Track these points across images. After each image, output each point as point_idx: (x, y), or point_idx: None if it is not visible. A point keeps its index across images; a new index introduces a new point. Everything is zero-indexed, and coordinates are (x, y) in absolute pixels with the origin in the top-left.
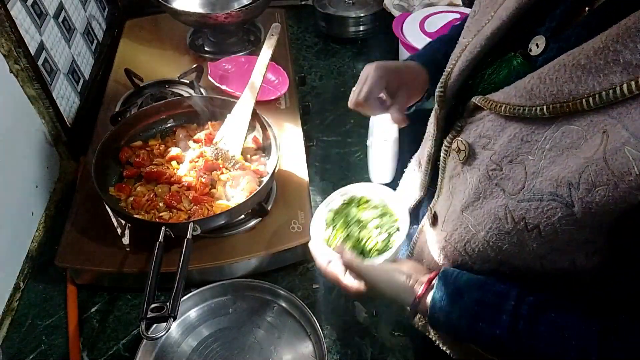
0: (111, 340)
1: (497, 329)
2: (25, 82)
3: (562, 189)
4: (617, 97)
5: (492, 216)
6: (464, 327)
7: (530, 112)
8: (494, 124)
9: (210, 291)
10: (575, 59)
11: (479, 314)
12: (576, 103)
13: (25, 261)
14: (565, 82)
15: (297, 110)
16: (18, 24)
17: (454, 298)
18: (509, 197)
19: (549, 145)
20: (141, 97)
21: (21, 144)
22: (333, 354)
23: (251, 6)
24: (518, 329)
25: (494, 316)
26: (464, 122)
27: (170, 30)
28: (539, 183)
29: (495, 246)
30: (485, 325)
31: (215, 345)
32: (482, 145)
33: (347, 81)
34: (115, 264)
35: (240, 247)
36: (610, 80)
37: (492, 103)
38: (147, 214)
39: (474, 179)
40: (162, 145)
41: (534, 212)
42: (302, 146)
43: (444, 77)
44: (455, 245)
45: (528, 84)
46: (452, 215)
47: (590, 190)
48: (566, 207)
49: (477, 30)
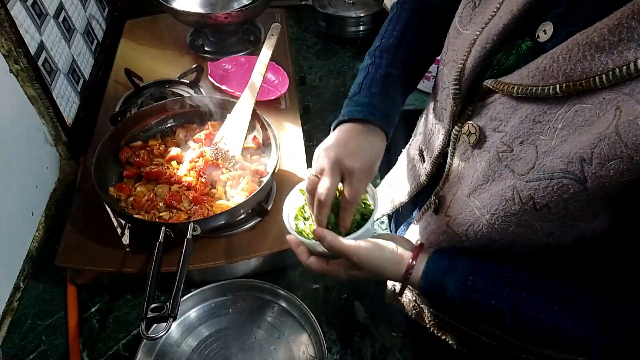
0: (111, 340)
1: (493, 299)
2: (25, 82)
3: (573, 165)
4: (631, 73)
5: (498, 198)
6: (457, 298)
7: (543, 91)
8: (506, 106)
9: (210, 291)
10: (589, 37)
11: (474, 285)
12: (589, 81)
13: (25, 261)
14: (579, 61)
15: (297, 110)
16: (18, 24)
17: (448, 269)
18: (517, 177)
19: (561, 124)
20: (141, 97)
21: (21, 144)
22: (333, 354)
23: (251, 6)
24: (516, 299)
25: (490, 286)
26: (474, 106)
27: (170, 30)
28: (549, 162)
29: (500, 229)
30: (480, 295)
31: (215, 345)
32: (493, 128)
33: (347, 81)
34: (115, 264)
35: (240, 247)
36: (624, 57)
37: (504, 85)
38: (147, 214)
39: (483, 162)
40: (162, 145)
41: (543, 191)
42: (302, 146)
43: (457, 74)
44: (457, 229)
45: (541, 64)
46: (458, 200)
47: (604, 164)
48: (578, 182)
49: (485, 22)
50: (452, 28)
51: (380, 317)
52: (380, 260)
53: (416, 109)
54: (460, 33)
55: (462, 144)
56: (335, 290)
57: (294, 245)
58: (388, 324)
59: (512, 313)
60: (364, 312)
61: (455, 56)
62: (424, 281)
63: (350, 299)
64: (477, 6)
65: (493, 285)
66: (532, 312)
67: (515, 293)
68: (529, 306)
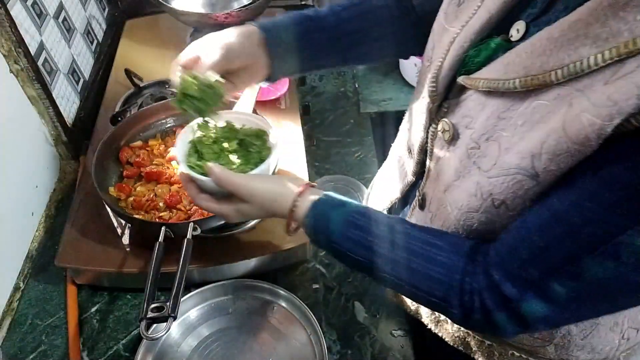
0: (111, 340)
1: (372, 237)
2: (25, 82)
3: (525, 161)
4: (584, 69)
5: (464, 193)
6: (338, 231)
7: (504, 85)
8: (476, 102)
9: (210, 291)
10: (550, 33)
11: (357, 222)
12: (545, 76)
13: (25, 261)
14: (539, 56)
15: (297, 110)
16: (18, 24)
17: (336, 205)
18: (482, 173)
19: (521, 120)
20: (141, 97)
21: (21, 144)
22: (333, 354)
23: (251, 6)
24: (394, 241)
25: (371, 225)
26: (449, 103)
27: (170, 30)
28: (508, 157)
29: (465, 225)
30: (360, 232)
31: (215, 345)
32: (465, 124)
33: (347, 81)
34: (115, 264)
35: (240, 247)
36: (579, 52)
37: (473, 80)
38: (147, 214)
39: (456, 159)
40: (162, 145)
41: (500, 187)
42: (302, 146)
43: (435, 72)
44: (436, 226)
45: (505, 60)
46: (436, 196)
47: (553, 159)
48: (530, 178)
49: (465, 21)
50: (437, 24)
51: (380, 317)
52: (268, 193)
53: None
54: (447, 30)
55: (438, 141)
56: (335, 290)
57: (185, 180)
58: (388, 324)
59: (387, 255)
60: (364, 312)
61: (440, 53)
62: (310, 212)
63: (350, 299)
64: (461, 3)
65: (375, 226)
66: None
67: (393, 237)
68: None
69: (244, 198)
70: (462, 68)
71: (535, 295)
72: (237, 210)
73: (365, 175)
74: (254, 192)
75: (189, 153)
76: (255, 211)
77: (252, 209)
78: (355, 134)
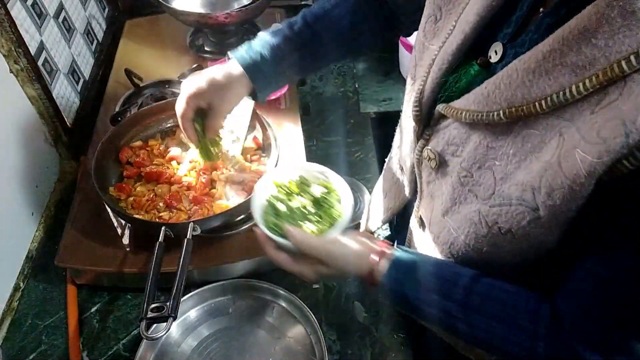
0: (111, 340)
1: (449, 301)
2: (25, 82)
3: (527, 194)
4: (568, 99)
5: (468, 221)
6: (415, 297)
7: (488, 117)
8: (460, 131)
9: (210, 291)
10: (526, 63)
11: (434, 286)
12: (529, 106)
13: (25, 261)
14: (518, 87)
15: (297, 110)
16: (18, 24)
17: (410, 268)
18: (481, 202)
19: (513, 150)
20: (141, 97)
21: (21, 144)
22: (333, 354)
23: (251, 6)
24: (471, 304)
25: (448, 289)
26: (431, 130)
27: (170, 30)
28: (507, 188)
29: (475, 248)
30: (437, 297)
31: (215, 345)
32: (451, 152)
33: (347, 81)
34: (115, 264)
35: (241, 247)
36: (559, 82)
37: (454, 110)
38: (147, 214)
39: (448, 185)
40: (162, 145)
41: (504, 217)
42: (302, 146)
43: (417, 95)
44: (442, 247)
45: (485, 90)
46: (436, 218)
47: (550, 194)
48: (532, 210)
49: (442, 41)
50: (417, 42)
51: (380, 317)
52: (346, 256)
53: None
54: (427, 48)
55: (425, 167)
56: (335, 290)
57: (262, 240)
58: (388, 324)
59: (467, 320)
60: (364, 312)
61: (421, 72)
62: (386, 277)
63: (350, 299)
64: (438, 20)
65: (451, 290)
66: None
67: (470, 301)
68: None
69: (324, 261)
70: (442, 93)
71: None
72: (317, 272)
73: (365, 175)
74: (333, 255)
75: (266, 211)
76: (334, 272)
77: (331, 270)
78: (355, 134)
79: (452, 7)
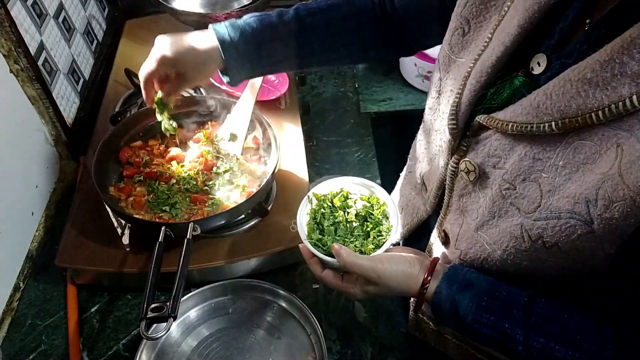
0: (111, 340)
1: (506, 322)
2: (25, 82)
3: (579, 206)
4: (628, 109)
5: (508, 235)
6: (469, 317)
7: (539, 129)
8: (502, 142)
9: (210, 291)
10: (581, 73)
11: (488, 306)
12: (585, 117)
13: (25, 261)
14: (573, 97)
15: (297, 110)
16: (18, 24)
17: (463, 287)
18: (524, 215)
19: (562, 162)
20: (141, 97)
21: (21, 144)
22: (333, 354)
23: (251, 6)
24: (529, 324)
25: (504, 309)
26: (468, 142)
27: (170, 30)
28: (555, 201)
29: (513, 263)
30: (493, 317)
31: (215, 345)
32: (493, 164)
33: (347, 81)
34: (115, 264)
35: (240, 247)
36: (618, 92)
37: (497, 122)
38: (147, 214)
39: (487, 198)
40: (162, 145)
41: (551, 231)
42: (302, 146)
43: (454, 108)
44: (472, 263)
45: (534, 101)
46: (466, 234)
47: (609, 206)
48: (585, 224)
49: (478, 54)
50: (441, 55)
51: (380, 317)
52: (396, 276)
53: (415, 109)
54: (454, 61)
55: (460, 179)
56: (335, 290)
57: (307, 256)
58: (388, 324)
59: (525, 341)
60: (364, 312)
61: (453, 85)
62: (438, 296)
63: (350, 299)
64: (466, 33)
65: (508, 309)
66: (545, 343)
67: (528, 321)
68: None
69: (372, 280)
70: (481, 105)
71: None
72: (364, 291)
73: (365, 175)
74: (382, 275)
75: (310, 227)
76: (381, 291)
77: (379, 289)
78: (355, 134)
79: (482, 19)
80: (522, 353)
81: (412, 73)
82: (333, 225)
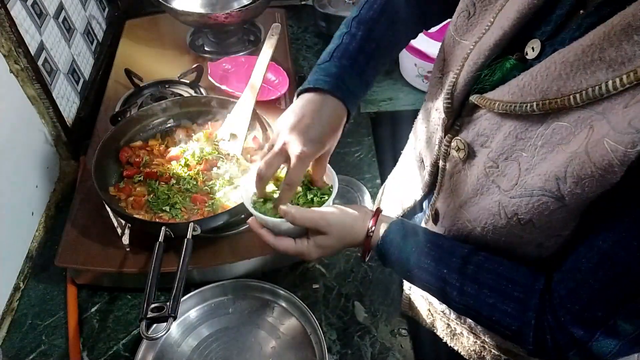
0: (111, 340)
1: (445, 268)
2: (25, 82)
3: (550, 184)
4: (603, 93)
5: (486, 212)
6: (411, 261)
7: (522, 108)
8: (491, 122)
9: (210, 291)
10: (565, 56)
11: (430, 252)
12: (564, 100)
13: (25, 261)
14: (555, 80)
15: None
16: (18, 24)
17: (408, 234)
18: (502, 193)
19: (541, 142)
20: (141, 97)
21: (21, 144)
22: (333, 354)
23: (251, 6)
24: (466, 273)
25: (444, 256)
26: (461, 121)
27: (170, 30)
28: (530, 179)
29: (492, 239)
30: (434, 263)
31: (215, 345)
32: (481, 143)
33: None
34: (115, 264)
35: (240, 247)
36: (596, 77)
37: (487, 101)
38: (147, 214)
39: (473, 177)
40: (162, 145)
41: (525, 208)
42: None
43: (450, 88)
44: (455, 239)
45: (520, 82)
46: (451, 211)
47: (578, 182)
48: (557, 200)
49: (478, 37)
50: (447, 36)
51: (380, 317)
52: (344, 223)
53: (415, 109)
54: (458, 42)
55: (452, 158)
56: (335, 290)
57: (257, 227)
58: (388, 324)
59: (460, 287)
60: (364, 312)
61: (453, 66)
62: (383, 240)
63: (350, 299)
64: (472, 16)
65: (448, 257)
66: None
67: (465, 269)
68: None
69: (322, 230)
70: (475, 85)
71: (604, 335)
72: (316, 245)
73: (365, 175)
74: (331, 222)
75: (255, 200)
76: (333, 242)
77: (329, 240)
78: (355, 134)
79: (487, 3)
80: (456, 299)
81: (412, 73)
82: (275, 191)
